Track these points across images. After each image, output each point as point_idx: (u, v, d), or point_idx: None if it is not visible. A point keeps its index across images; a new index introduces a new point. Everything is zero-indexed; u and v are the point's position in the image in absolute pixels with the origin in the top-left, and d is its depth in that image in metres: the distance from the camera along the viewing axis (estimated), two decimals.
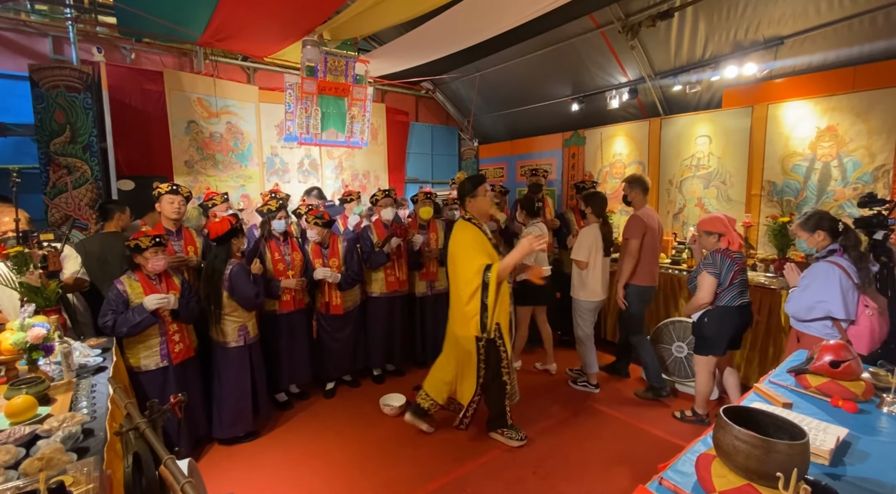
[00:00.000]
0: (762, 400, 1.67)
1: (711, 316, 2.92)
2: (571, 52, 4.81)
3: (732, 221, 2.93)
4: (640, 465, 2.74)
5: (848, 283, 2.35)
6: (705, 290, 2.87)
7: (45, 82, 3.30)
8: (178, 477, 0.93)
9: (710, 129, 4.26)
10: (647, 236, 3.51)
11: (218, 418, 2.97)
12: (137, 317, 2.50)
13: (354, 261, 3.61)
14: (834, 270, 2.37)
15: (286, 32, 3.77)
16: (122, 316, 2.50)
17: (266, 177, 4.98)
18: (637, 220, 3.54)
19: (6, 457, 1.30)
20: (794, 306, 2.52)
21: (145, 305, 2.52)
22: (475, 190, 2.81)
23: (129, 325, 2.49)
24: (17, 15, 3.75)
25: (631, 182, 3.63)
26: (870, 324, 2.31)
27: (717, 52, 4.01)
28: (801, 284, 2.51)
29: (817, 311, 2.41)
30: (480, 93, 6.07)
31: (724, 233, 2.89)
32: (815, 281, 2.43)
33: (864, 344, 2.31)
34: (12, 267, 2.21)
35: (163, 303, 2.56)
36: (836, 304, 2.33)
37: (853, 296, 2.35)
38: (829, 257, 2.45)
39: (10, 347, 1.87)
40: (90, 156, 3.48)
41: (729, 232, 2.88)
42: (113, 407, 1.75)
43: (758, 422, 1.22)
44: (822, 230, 2.51)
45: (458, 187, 2.89)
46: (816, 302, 2.40)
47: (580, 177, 5.44)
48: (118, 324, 2.49)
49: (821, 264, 2.45)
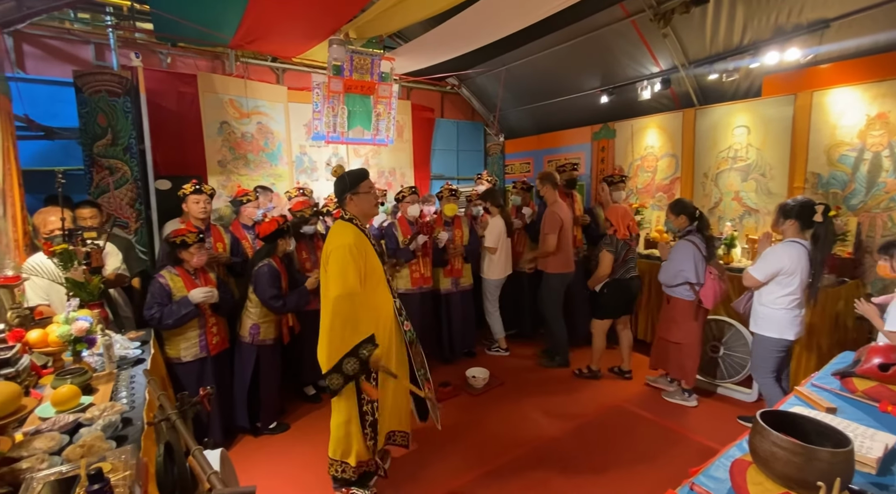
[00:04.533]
0: (804, 404, 1.58)
1: (610, 286, 3.61)
2: (600, 42, 4.68)
3: (628, 215, 3.64)
4: (669, 467, 2.66)
5: (699, 255, 3.11)
6: (606, 265, 3.56)
7: (88, 88, 3.46)
8: (205, 468, 0.95)
9: (749, 119, 4.06)
10: (563, 229, 3.86)
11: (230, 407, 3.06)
12: (183, 310, 2.62)
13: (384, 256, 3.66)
14: (689, 246, 3.12)
15: (313, 32, 3.83)
16: (167, 309, 2.61)
17: (295, 175, 5.08)
18: (553, 215, 3.85)
19: (51, 444, 1.38)
20: (664, 275, 3.26)
21: (191, 298, 2.64)
22: (357, 186, 2.31)
23: (174, 317, 2.61)
24: (62, 24, 3.95)
25: (542, 178, 4.01)
26: (713, 286, 3.10)
27: (757, 38, 3.81)
28: (669, 257, 3.24)
29: (679, 278, 3.14)
30: (506, 87, 5.99)
31: (614, 225, 3.60)
32: (677, 254, 3.16)
33: (709, 300, 3.13)
34: (59, 263, 2.34)
35: (208, 297, 2.69)
36: (690, 272, 3.09)
37: (702, 265, 3.12)
38: (686, 236, 3.17)
39: (57, 339, 1.98)
40: (130, 157, 3.63)
41: (619, 224, 3.59)
42: (150, 397, 1.82)
43: (798, 428, 1.15)
44: (684, 215, 3.21)
45: (336, 183, 2.37)
46: (678, 270, 3.13)
47: (610, 170, 5.31)
48: (164, 316, 2.60)
49: (681, 242, 3.19)
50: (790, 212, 2.66)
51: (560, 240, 3.85)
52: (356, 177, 2.32)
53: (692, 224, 3.18)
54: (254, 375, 3.02)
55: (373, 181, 2.38)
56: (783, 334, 2.69)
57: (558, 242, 3.84)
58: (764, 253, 2.76)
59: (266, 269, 2.94)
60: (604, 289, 3.62)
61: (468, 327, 4.35)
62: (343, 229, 2.25)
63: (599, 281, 3.62)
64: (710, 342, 3.57)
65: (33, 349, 1.98)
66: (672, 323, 3.31)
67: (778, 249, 2.68)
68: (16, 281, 2.10)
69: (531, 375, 3.99)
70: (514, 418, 3.28)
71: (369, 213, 2.39)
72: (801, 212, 2.63)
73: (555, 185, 3.96)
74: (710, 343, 3.57)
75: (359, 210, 2.32)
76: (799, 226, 2.66)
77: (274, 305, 2.94)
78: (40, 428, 1.48)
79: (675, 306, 3.28)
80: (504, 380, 3.86)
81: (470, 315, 4.35)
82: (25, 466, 1.25)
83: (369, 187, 2.33)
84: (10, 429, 1.49)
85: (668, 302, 3.32)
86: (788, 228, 2.68)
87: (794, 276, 2.63)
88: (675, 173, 4.73)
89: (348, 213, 2.32)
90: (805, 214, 2.62)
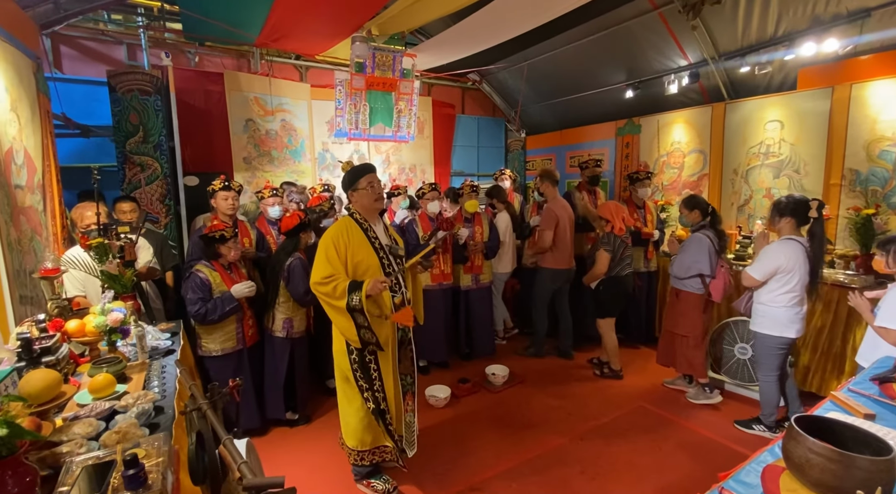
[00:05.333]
0: (840, 410, 1.52)
1: (605, 284, 3.64)
2: (626, 35, 4.57)
3: (621, 209, 3.61)
4: (695, 471, 2.60)
5: (712, 248, 3.15)
6: (602, 264, 3.57)
7: (121, 87, 3.58)
8: (235, 458, 0.98)
9: (783, 113, 3.92)
10: (560, 226, 3.95)
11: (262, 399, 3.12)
12: (227, 305, 2.70)
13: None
14: (704, 239, 3.17)
15: (337, 30, 3.86)
16: (211, 304, 2.68)
17: (318, 172, 5.15)
18: (550, 213, 3.97)
19: (88, 429, 1.43)
20: (677, 267, 3.28)
21: (235, 293, 2.72)
22: (355, 182, 2.35)
23: (219, 312, 2.68)
24: (96, 25, 4.09)
25: (541, 176, 4.12)
26: (723, 278, 3.14)
27: (792, 29, 3.66)
28: (680, 250, 3.30)
29: (693, 270, 3.18)
30: (528, 82, 5.92)
31: (610, 220, 3.56)
32: (691, 246, 3.21)
33: (719, 293, 3.16)
34: (95, 256, 2.44)
35: (251, 291, 2.78)
36: (705, 264, 3.14)
37: (715, 258, 3.17)
38: (700, 230, 3.23)
39: (93, 329, 2.06)
40: (160, 154, 3.75)
41: (614, 219, 3.55)
42: (180, 387, 1.88)
43: (835, 434, 1.11)
44: (697, 209, 3.29)
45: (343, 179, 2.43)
46: (693, 262, 3.18)
47: (634, 167, 5.20)
48: (209, 312, 2.67)
49: (695, 235, 3.24)
50: (785, 210, 2.67)
51: (557, 236, 3.95)
52: (355, 174, 2.37)
53: (705, 219, 3.27)
54: (289, 368, 3.09)
55: (377, 176, 2.42)
56: (784, 332, 2.70)
57: (555, 238, 3.95)
58: (761, 251, 2.76)
59: (297, 263, 2.97)
60: (599, 287, 3.68)
61: (488, 324, 4.34)
62: (338, 224, 2.36)
63: (595, 278, 3.67)
64: (739, 344, 3.47)
65: (72, 338, 2.06)
66: (680, 316, 3.35)
67: (775, 247, 2.68)
68: (55, 273, 2.19)
69: (552, 374, 3.96)
70: (534, 417, 3.26)
71: (370, 208, 2.40)
72: (795, 209, 2.64)
73: (554, 182, 4.09)
74: (738, 345, 3.47)
75: (360, 205, 2.39)
76: (795, 223, 2.67)
77: (306, 299, 2.99)
78: (78, 414, 1.54)
79: (684, 299, 3.32)
80: (524, 378, 3.84)
81: (490, 312, 4.35)
82: (65, 450, 1.31)
83: (368, 182, 2.35)
84: (50, 414, 1.56)
85: (676, 296, 3.37)
86: (784, 226, 2.70)
87: (793, 274, 2.64)
88: (703, 169, 4.61)
89: (352, 208, 2.42)
90: (800, 211, 2.63)
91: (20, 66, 2.56)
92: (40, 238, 2.60)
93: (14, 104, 2.42)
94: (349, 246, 2.29)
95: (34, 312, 2.25)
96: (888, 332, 2.06)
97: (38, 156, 2.71)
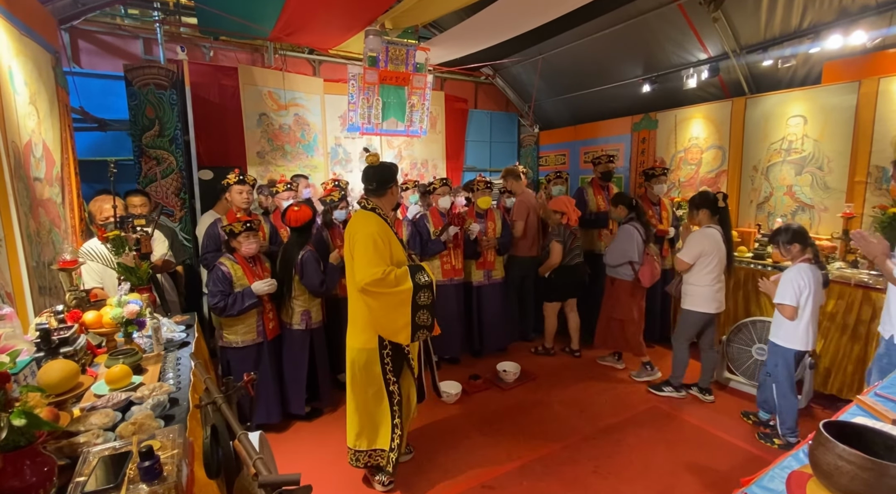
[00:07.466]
0: (866, 415, 1.47)
1: (557, 272, 4.00)
2: (643, 28, 4.48)
3: (571, 202, 3.97)
4: (712, 475, 2.56)
5: (639, 238, 3.53)
6: (556, 254, 3.91)
7: (138, 81, 3.61)
8: (251, 453, 0.97)
9: (806, 108, 3.81)
10: (531, 216, 4.26)
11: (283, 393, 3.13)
12: (247, 302, 2.74)
13: (417, 246, 3.68)
14: (633, 230, 3.54)
15: (350, 23, 3.84)
16: (231, 298, 2.71)
17: (330, 166, 5.15)
18: (521, 205, 4.27)
19: (105, 420, 1.45)
20: (609, 256, 3.68)
21: (255, 291, 2.74)
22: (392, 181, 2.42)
23: (238, 308, 2.72)
24: (113, 19, 4.13)
25: (505, 175, 4.52)
26: (650, 265, 3.55)
27: (818, 21, 3.55)
28: (612, 241, 3.71)
29: (624, 257, 3.57)
30: (543, 76, 5.85)
31: (565, 213, 3.88)
32: (621, 237, 3.59)
33: (647, 279, 3.56)
34: (112, 248, 2.46)
35: (271, 289, 2.81)
36: (633, 252, 3.52)
37: (642, 247, 3.54)
38: (628, 222, 3.61)
39: (110, 321, 2.08)
40: (175, 148, 3.78)
41: (569, 212, 3.89)
42: (195, 379, 1.89)
43: (865, 440, 1.07)
44: (622, 205, 3.69)
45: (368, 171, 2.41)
46: (623, 251, 3.55)
47: (650, 163, 5.11)
48: (228, 307, 2.70)
49: (624, 226, 3.61)
50: (700, 204, 3.21)
51: (528, 226, 4.27)
52: (388, 177, 2.41)
53: (631, 212, 3.66)
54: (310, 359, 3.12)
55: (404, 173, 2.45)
56: (705, 308, 3.22)
57: (525, 228, 4.26)
58: (687, 239, 3.26)
59: (309, 256, 2.98)
60: (552, 275, 4.03)
61: (499, 320, 4.31)
62: (366, 218, 2.33)
63: (549, 268, 4.00)
64: (756, 345, 3.40)
65: (89, 329, 2.09)
66: (616, 301, 3.74)
67: (698, 235, 3.20)
68: (73, 264, 2.22)
69: (563, 372, 3.93)
70: (546, 414, 3.24)
71: (391, 206, 2.54)
72: (706, 202, 3.18)
73: (517, 178, 4.46)
74: (756, 346, 3.40)
75: (387, 202, 2.47)
76: (709, 213, 3.19)
77: (321, 290, 3.01)
78: (95, 405, 1.56)
79: (618, 286, 3.72)
80: (536, 376, 3.82)
81: (502, 308, 4.31)
82: (83, 440, 1.32)
83: (395, 191, 2.50)
84: (68, 405, 1.58)
85: (611, 284, 3.77)
86: (702, 217, 3.21)
87: (713, 256, 3.13)
88: (722, 166, 4.51)
89: (371, 203, 2.41)
90: (710, 203, 3.17)
91: (39, 60, 2.59)
92: (59, 230, 2.64)
93: (33, 97, 2.45)
94: (390, 242, 2.31)
95: (53, 303, 2.29)
96: (784, 308, 2.63)
97: (56, 149, 2.75)
